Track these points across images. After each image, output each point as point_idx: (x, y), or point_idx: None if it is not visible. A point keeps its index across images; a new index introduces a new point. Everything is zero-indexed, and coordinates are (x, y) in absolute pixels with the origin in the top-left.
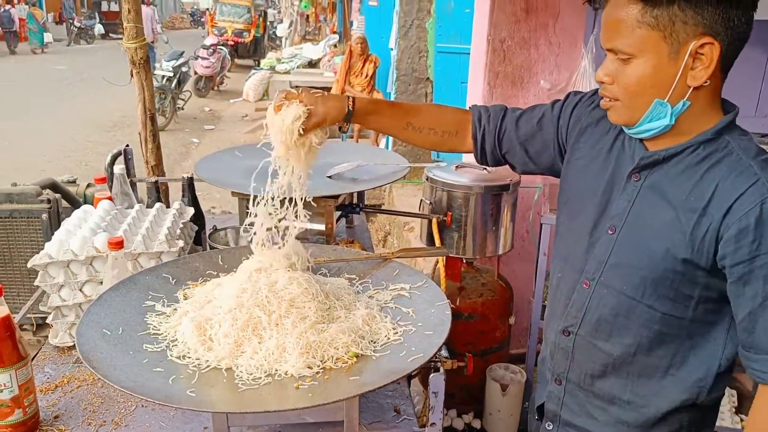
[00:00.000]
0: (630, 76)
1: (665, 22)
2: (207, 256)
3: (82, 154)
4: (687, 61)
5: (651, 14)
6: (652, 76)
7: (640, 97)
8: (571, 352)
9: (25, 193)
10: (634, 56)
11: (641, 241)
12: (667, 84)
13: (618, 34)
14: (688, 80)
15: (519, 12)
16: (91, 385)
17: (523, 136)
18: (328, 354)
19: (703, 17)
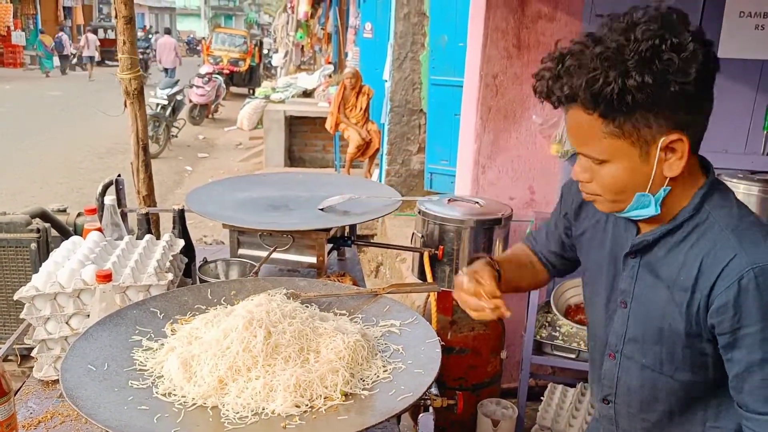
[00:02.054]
0: (606, 176)
1: (630, 129)
2: (196, 290)
3: (75, 180)
4: (659, 156)
5: (614, 125)
6: (628, 177)
7: (621, 194)
8: (614, 420)
9: (14, 222)
10: (606, 161)
11: (649, 317)
12: (645, 180)
13: (585, 143)
14: (665, 171)
15: (511, 48)
16: (75, 421)
17: (557, 245)
18: (317, 393)
19: (666, 118)
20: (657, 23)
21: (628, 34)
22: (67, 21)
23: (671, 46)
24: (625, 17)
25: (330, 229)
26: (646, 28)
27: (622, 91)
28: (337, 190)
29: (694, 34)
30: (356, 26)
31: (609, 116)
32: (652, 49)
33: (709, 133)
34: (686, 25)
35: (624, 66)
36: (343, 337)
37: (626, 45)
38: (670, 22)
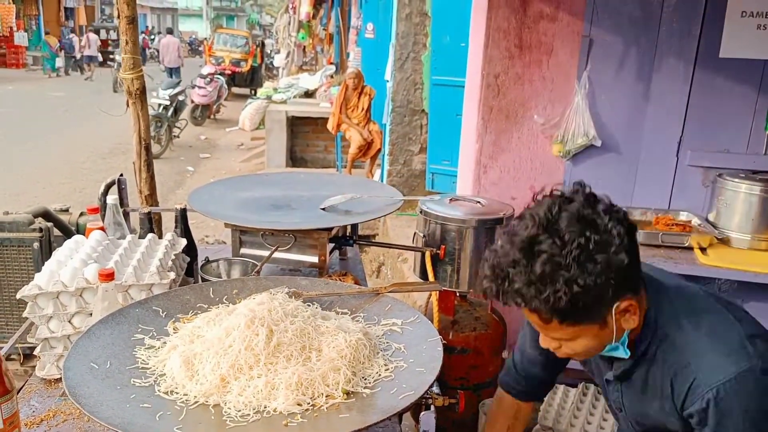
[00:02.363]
0: (574, 347)
1: (583, 316)
2: (198, 289)
3: (77, 180)
4: (616, 317)
5: (567, 323)
6: (593, 343)
7: (591, 352)
8: None
9: (17, 221)
10: (570, 339)
11: (647, 419)
12: (609, 339)
13: (547, 332)
14: (623, 326)
15: (513, 48)
16: (77, 419)
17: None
18: (319, 391)
19: (612, 298)
20: (579, 225)
21: (556, 243)
22: (69, 22)
23: (598, 245)
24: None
25: (332, 228)
26: (571, 232)
27: (571, 300)
28: (339, 189)
29: (607, 211)
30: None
31: (564, 320)
32: (585, 253)
33: (711, 133)
34: (595, 204)
35: (565, 280)
36: (345, 335)
37: (559, 256)
38: (585, 217)
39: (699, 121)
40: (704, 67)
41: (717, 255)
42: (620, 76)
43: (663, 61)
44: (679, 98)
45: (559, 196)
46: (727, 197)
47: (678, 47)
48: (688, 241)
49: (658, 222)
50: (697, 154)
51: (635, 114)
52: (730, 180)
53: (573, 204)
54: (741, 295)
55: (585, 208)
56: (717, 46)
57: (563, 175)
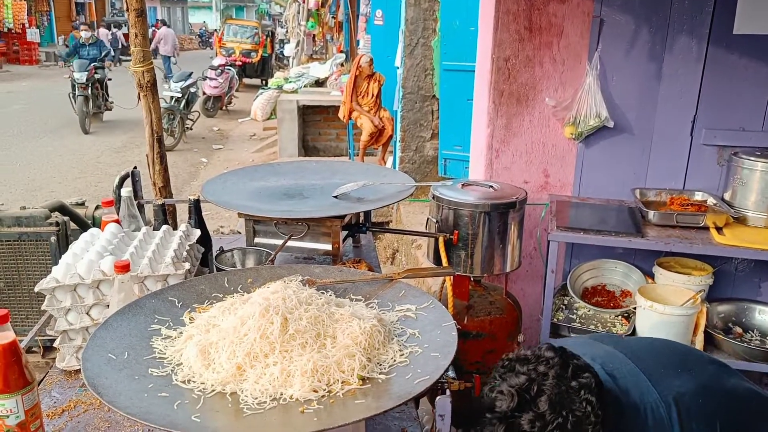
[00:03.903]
0: None
1: None
2: (213, 279)
3: (92, 174)
4: None
5: None
6: None
7: None
8: None
9: (33, 216)
10: None
11: None
12: None
13: None
14: None
15: (523, 31)
16: (98, 409)
17: None
18: (334, 377)
19: None
20: (554, 406)
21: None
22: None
23: (574, 425)
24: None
25: (345, 216)
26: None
27: None
28: (351, 177)
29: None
30: (367, 14)
31: None
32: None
33: (725, 112)
34: (568, 378)
35: None
36: (360, 322)
37: None
38: (561, 398)
39: (713, 99)
40: (718, 44)
41: (733, 234)
42: (632, 56)
43: (675, 39)
44: (692, 76)
45: (533, 369)
46: (742, 176)
47: (690, 24)
48: (704, 221)
49: (673, 202)
50: (712, 133)
51: (648, 94)
52: (746, 158)
53: (548, 381)
54: (758, 274)
55: (559, 385)
56: (731, 22)
57: (575, 157)
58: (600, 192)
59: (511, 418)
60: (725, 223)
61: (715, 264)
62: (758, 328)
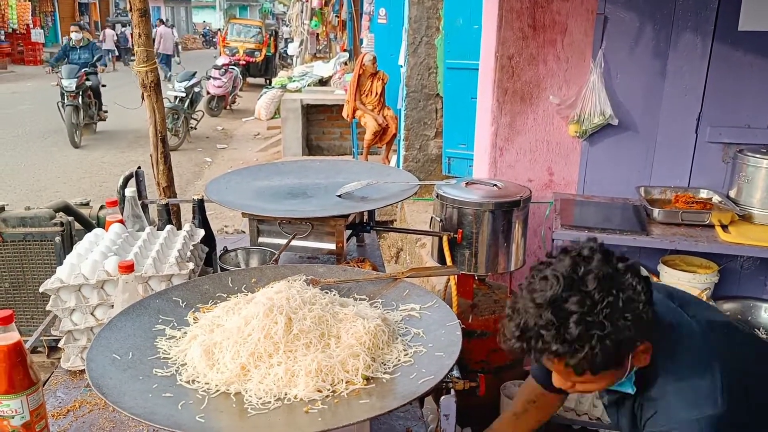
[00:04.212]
0: (589, 387)
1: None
2: (216, 279)
3: (97, 174)
4: (632, 359)
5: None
6: (609, 383)
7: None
8: None
9: (38, 216)
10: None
11: None
12: (621, 376)
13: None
14: (636, 363)
15: (526, 29)
16: (103, 410)
17: None
18: (338, 377)
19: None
20: (602, 283)
21: (584, 301)
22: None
23: (625, 302)
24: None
25: (348, 215)
26: (598, 290)
27: (605, 355)
28: (355, 176)
29: (628, 269)
30: (370, 12)
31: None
32: (615, 311)
33: (730, 109)
34: (613, 262)
35: (599, 336)
36: (364, 322)
37: (591, 314)
38: (609, 276)
39: (718, 96)
40: (723, 41)
41: (739, 232)
42: (636, 53)
43: (680, 36)
44: (697, 74)
45: (577, 254)
46: (748, 173)
47: (695, 21)
48: (709, 218)
49: (678, 200)
50: (717, 131)
51: (652, 91)
52: (752, 155)
53: (593, 263)
54: (763, 272)
55: (606, 267)
56: (736, 19)
57: (579, 155)
58: (604, 190)
59: (558, 302)
60: (730, 220)
61: (721, 262)
62: (764, 326)
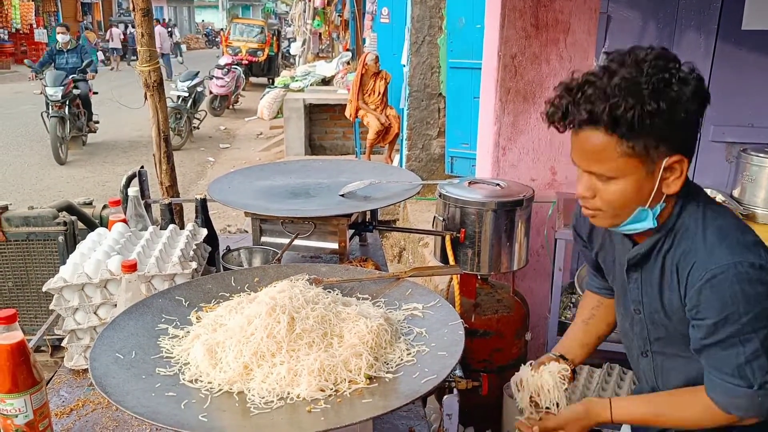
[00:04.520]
0: (612, 193)
1: (641, 150)
2: (220, 278)
3: (100, 174)
4: (662, 175)
5: (627, 145)
6: (633, 192)
7: (623, 209)
8: None
9: (42, 216)
10: (614, 178)
11: (662, 318)
12: (646, 196)
13: (597, 161)
14: (664, 188)
15: (529, 28)
16: (106, 408)
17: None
18: (341, 377)
19: (672, 140)
20: (662, 60)
21: (638, 68)
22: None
23: (679, 80)
24: (631, 55)
25: (351, 214)
26: (654, 63)
27: (641, 115)
28: (358, 176)
29: (692, 70)
30: (373, 12)
31: (626, 137)
32: (663, 82)
33: (734, 108)
34: (680, 63)
35: (641, 95)
36: (366, 321)
37: (639, 77)
38: (672, 59)
39: (721, 95)
40: (726, 40)
41: None
42: None
43: (683, 35)
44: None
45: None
46: (752, 172)
47: (698, 20)
48: None
49: None
50: (720, 130)
51: None
52: (755, 155)
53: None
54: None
55: (673, 58)
56: (739, 18)
57: None
58: None
59: (608, 68)
60: None
61: None
62: None
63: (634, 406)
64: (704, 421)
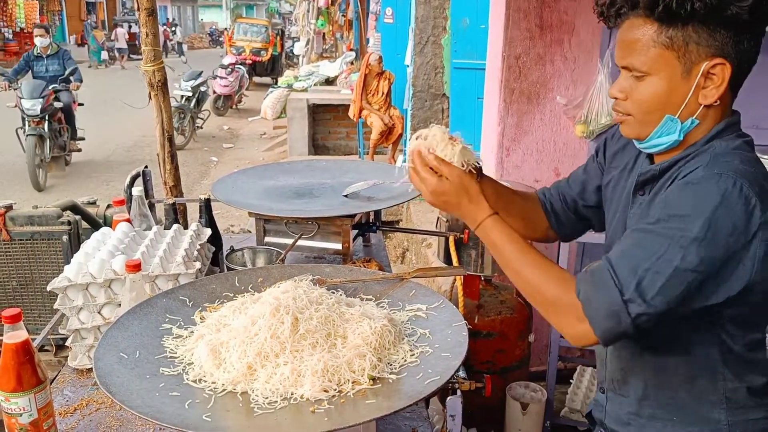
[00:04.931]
0: (643, 92)
1: (679, 43)
2: (223, 278)
3: (104, 173)
4: (699, 80)
5: (666, 34)
6: (665, 93)
7: (652, 113)
8: None
9: (46, 215)
10: (648, 74)
11: None
12: (679, 101)
13: (634, 52)
14: (699, 98)
15: (534, 28)
16: (110, 408)
17: (576, 189)
18: (345, 377)
19: (715, 39)
20: None
21: None
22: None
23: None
24: None
25: (355, 215)
26: None
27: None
28: (361, 176)
29: None
30: (377, 12)
31: (665, 22)
32: None
33: (739, 108)
34: None
35: None
36: (370, 322)
37: None
38: None
39: None
40: None
41: None
42: None
43: None
44: None
45: None
46: None
47: None
48: None
49: None
50: None
51: None
52: (760, 156)
53: None
54: None
55: None
56: None
57: (586, 156)
58: None
59: None
60: None
61: None
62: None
63: (507, 237)
64: (547, 299)
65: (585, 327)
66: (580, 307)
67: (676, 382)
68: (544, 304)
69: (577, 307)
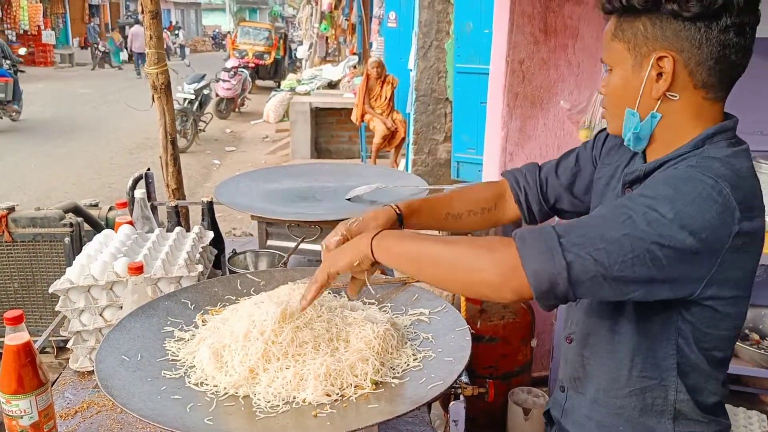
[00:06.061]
0: (609, 85)
1: (629, 36)
2: (226, 281)
3: (106, 176)
4: (650, 73)
5: (620, 27)
6: (620, 86)
7: (617, 107)
8: None
9: (48, 217)
10: (612, 67)
11: None
12: (633, 95)
13: (603, 46)
14: (652, 92)
15: (538, 33)
16: (111, 411)
17: (565, 180)
18: (347, 381)
19: (664, 31)
20: None
21: None
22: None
23: None
24: None
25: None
26: None
27: None
28: (364, 180)
29: None
30: (380, 16)
31: (620, 15)
32: None
33: (742, 115)
34: None
35: None
36: (373, 326)
37: None
38: None
39: (730, 101)
40: None
41: None
42: None
43: None
44: None
45: None
46: (761, 181)
47: None
48: None
49: None
50: None
51: None
52: (764, 162)
53: None
54: None
55: None
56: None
57: None
58: None
59: None
60: None
61: None
62: None
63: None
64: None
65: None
66: (514, 253)
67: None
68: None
69: (511, 253)
